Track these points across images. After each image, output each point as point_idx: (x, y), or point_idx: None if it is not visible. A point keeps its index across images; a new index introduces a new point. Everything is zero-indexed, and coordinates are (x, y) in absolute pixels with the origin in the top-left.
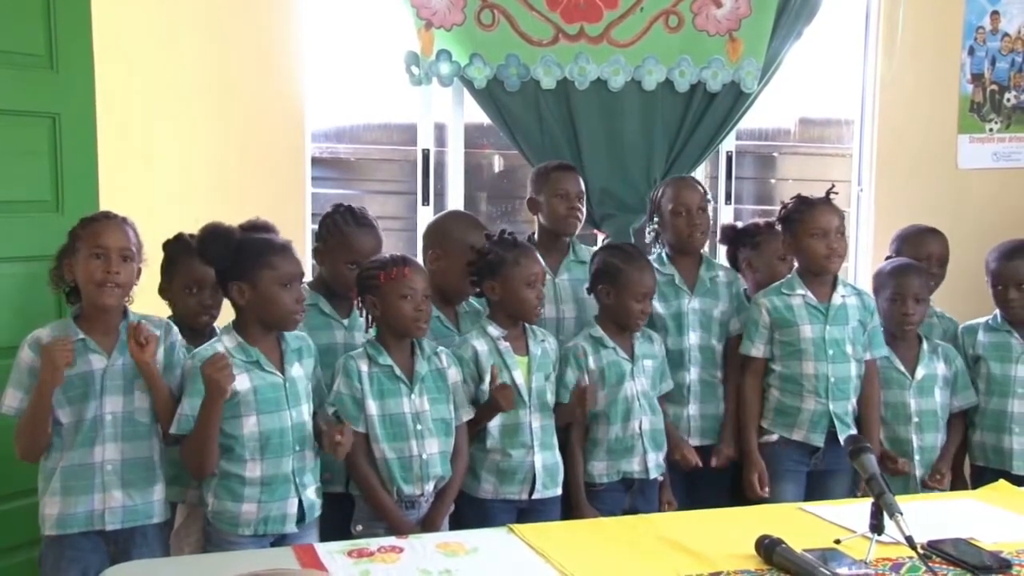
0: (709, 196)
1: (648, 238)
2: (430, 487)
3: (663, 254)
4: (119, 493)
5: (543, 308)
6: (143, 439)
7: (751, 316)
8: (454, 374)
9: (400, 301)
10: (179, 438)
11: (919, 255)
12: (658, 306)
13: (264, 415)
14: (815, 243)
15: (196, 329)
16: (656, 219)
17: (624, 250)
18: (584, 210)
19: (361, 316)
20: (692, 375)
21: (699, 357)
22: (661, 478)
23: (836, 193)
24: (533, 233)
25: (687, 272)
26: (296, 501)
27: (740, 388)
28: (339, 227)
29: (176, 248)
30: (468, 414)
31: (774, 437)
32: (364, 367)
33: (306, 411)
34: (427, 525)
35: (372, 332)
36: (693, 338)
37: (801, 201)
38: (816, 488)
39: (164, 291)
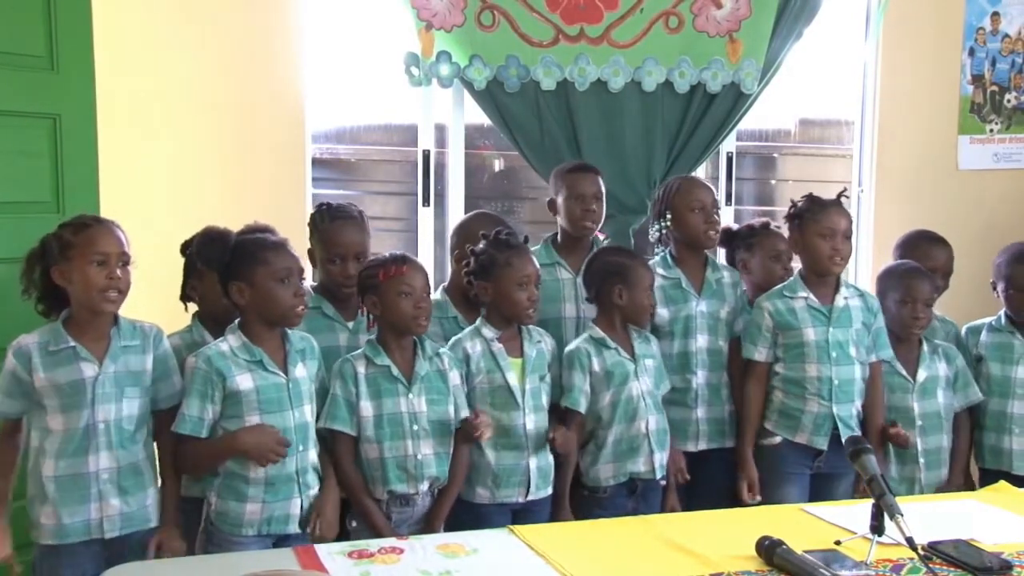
0: (717, 197)
1: (653, 238)
2: (424, 486)
3: (668, 256)
4: (116, 501)
5: (536, 310)
6: (135, 445)
7: (753, 320)
8: (456, 376)
9: (399, 298)
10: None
11: (924, 265)
12: (664, 311)
13: (267, 415)
14: (821, 243)
15: (225, 323)
16: (666, 218)
17: (623, 249)
18: (602, 211)
19: (362, 315)
20: (699, 379)
21: (706, 360)
22: (663, 482)
23: (847, 196)
24: (556, 233)
25: (693, 274)
26: (299, 501)
27: (743, 392)
28: (316, 225)
29: None
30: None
31: (777, 439)
32: (361, 369)
33: (309, 411)
34: (426, 527)
35: (374, 333)
36: (701, 341)
37: (812, 200)
38: (819, 491)
39: (194, 289)
